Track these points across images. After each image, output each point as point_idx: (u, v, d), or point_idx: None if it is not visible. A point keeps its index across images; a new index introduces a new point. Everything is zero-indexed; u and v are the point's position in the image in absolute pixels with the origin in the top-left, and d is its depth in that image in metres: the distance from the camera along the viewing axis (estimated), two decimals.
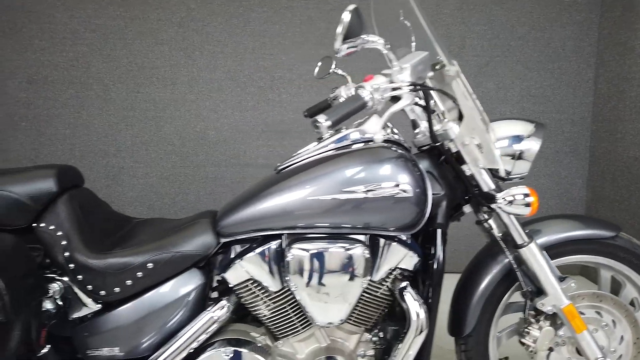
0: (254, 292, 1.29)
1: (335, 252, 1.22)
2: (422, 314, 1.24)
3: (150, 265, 1.24)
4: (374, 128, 1.24)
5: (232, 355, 1.25)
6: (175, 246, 1.26)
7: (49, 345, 1.23)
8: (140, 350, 1.27)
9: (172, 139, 2.99)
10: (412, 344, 1.25)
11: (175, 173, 3.02)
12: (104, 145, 2.96)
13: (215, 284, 1.39)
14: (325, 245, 1.22)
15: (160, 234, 1.32)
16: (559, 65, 2.98)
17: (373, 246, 1.26)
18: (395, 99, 1.25)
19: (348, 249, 1.21)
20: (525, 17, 2.98)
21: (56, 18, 2.84)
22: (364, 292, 1.28)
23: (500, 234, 1.37)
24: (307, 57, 2.96)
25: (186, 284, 1.29)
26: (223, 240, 1.29)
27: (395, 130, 1.42)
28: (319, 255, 1.22)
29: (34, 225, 1.25)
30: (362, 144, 1.30)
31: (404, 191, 1.20)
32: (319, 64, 1.77)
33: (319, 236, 1.25)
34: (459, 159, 1.31)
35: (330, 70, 1.65)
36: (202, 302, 1.31)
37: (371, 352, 1.36)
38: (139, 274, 1.24)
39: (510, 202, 1.24)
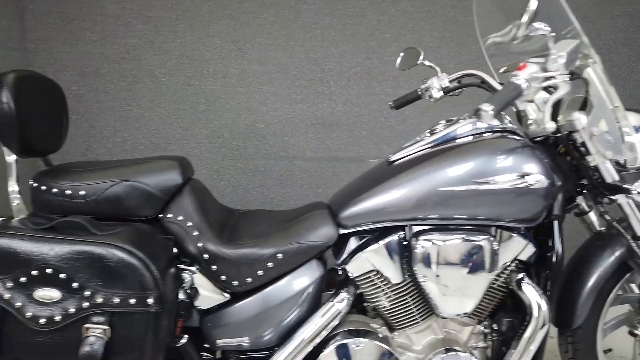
0: (376, 284, 1.30)
1: (464, 243, 1.23)
2: (544, 306, 1.25)
3: (280, 255, 1.25)
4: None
5: (361, 345, 1.26)
6: (302, 237, 1.27)
7: (187, 336, 1.24)
8: (267, 340, 1.28)
9: (222, 132, 2.99)
10: (533, 338, 1.26)
11: (225, 166, 3.02)
12: (155, 138, 2.96)
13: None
14: (454, 237, 1.23)
15: (279, 226, 1.33)
16: (609, 57, 2.98)
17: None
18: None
19: (477, 241, 1.22)
20: (575, 9, 2.97)
21: (108, 10, 2.82)
22: None
23: (612, 225, 1.38)
24: (357, 50, 2.96)
25: (307, 276, 1.30)
26: (342, 231, 1.30)
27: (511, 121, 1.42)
28: (448, 247, 1.23)
29: (159, 216, 1.25)
30: (489, 133, 1.30)
31: (537, 182, 1.21)
32: (401, 54, 1.76)
33: (443, 228, 1.26)
34: (577, 149, 1.32)
35: (418, 62, 1.65)
36: (319, 294, 1.32)
37: (483, 344, 1.37)
38: (270, 264, 1.25)
39: None
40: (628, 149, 1.23)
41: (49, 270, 1.02)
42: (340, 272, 1.35)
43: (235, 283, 1.25)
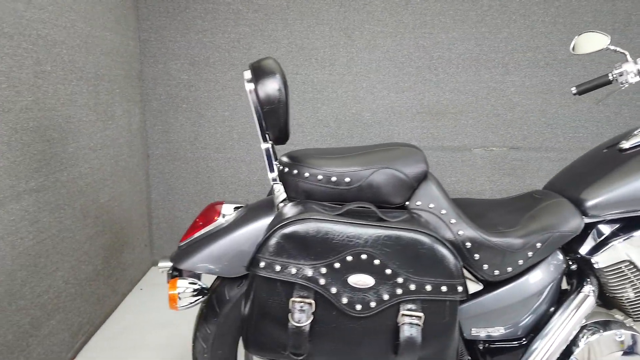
0: (625, 275, 1.28)
1: None
2: None
3: (539, 245, 1.23)
4: None
5: (623, 337, 1.25)
6: (554, 227, 1.25)
7: None
8: (519, 331, 1.28)
9: (329, 121, 2.97)
10: None
11: None
12: None
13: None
14: None
15: (523, 215, 1.31)
16: None
17: None
18: None
19: None
20: None
21: None
22: None
23: None
24: (467, 36, 2.90)
25: (553, 267, 1.29)
26: (587, 220, 1.28)
27: None
28: None
29: (406, 204, 1.23)
30: None
31: None
32: (576, 38, 1.68)
33: None
34: None
35: (605, 47, 1.58)
36: (560, 285, 1.31)
37: None
38: (530, 253, 1.23)
39: None
40: None
41: (363, 257, 1.01)
42: (571, 264, 1.34)
43: (497, 272, 1.23)
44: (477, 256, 1.22)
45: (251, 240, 1.22)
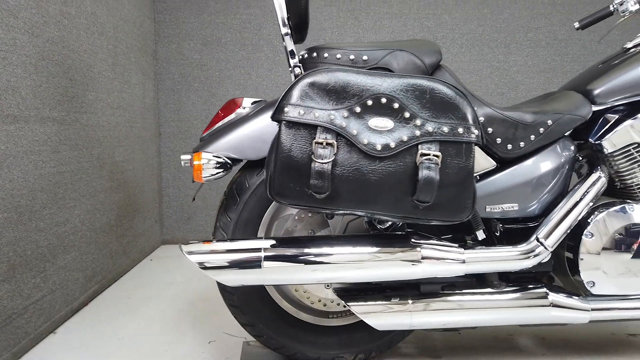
0: (634, 158, 1.31)
1: None
2: None
3: (549, 121, 1.28)
4: None
5: (633, 209, 1.28)
6: (565, 110, 1.30)
7: None
8: (533, 209, 1.30)
9: None
10: None
11: None
12: None
13: None
14: None
15: (534, 102, 1.39)
16: None
17: None
18: None
19: None
20: None
21: None
22: None
23: None
24: (470, 17, 3.02)
25: (565, 149, 1.33)
26: (595, 108, 1.32)
27: None
28: None
29: None
30: None
31: None
32: None
33: None
34: None
35: None
36: (571, 172, 1.34)
37: None
38: (541, 129, 1.27)
39: None
40: None
41: (383, 100, 1.05)
42: (581, 159, 1.38)
43: (510, 146, 1.27)
44: (490, 130, 1.26)
45: (271, 127, 1.26)
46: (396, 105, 1.06)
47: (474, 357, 1.46)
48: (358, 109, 1.05)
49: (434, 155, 1.04)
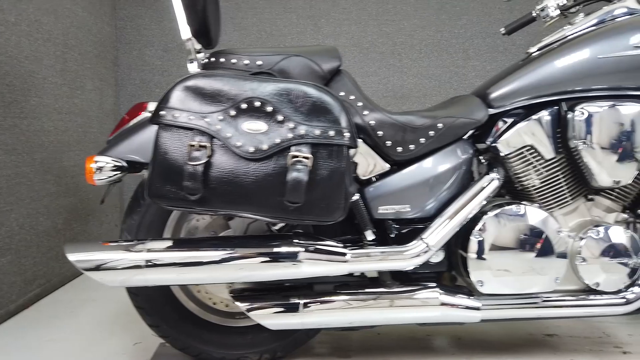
0: (528, 160, 1.33)
1: (627, 109, 1.27)
2: None
3: (440, 125, 1.30)
4: None
5: (522, 210, 1.30)
6: (459, 114, 1.33)
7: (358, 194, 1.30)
8: (426, 210, 1.32)
9: None
10: None
11: None
12: None
13: None
14: (615, 104, 1.27)
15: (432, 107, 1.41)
16: None
17: None
18: None
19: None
20: None
21: None
22: None
23: None
24: (428, 23, 3.04)
25: (460, 151, 1.35)
26: (491, 111, 1.34)
27: None
28: (608, 114, 1.27)
29: None
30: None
31: None
32: None
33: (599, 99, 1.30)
34: None
35: None
36: (470, 174, 1.36)
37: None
38: (431, 132, 1.30)
39: None
40: None
41: (257, 104, 1.08)
42: (483, 161, 1.39)
43: (399, 149, 1.29)
44: (380, 133, 1.28)
45: None
46: (269, 109, 1.09)
47: (384, 357, 1.48)
48: (233, 112, 1.08)
49: (304, 157, 1.06)
